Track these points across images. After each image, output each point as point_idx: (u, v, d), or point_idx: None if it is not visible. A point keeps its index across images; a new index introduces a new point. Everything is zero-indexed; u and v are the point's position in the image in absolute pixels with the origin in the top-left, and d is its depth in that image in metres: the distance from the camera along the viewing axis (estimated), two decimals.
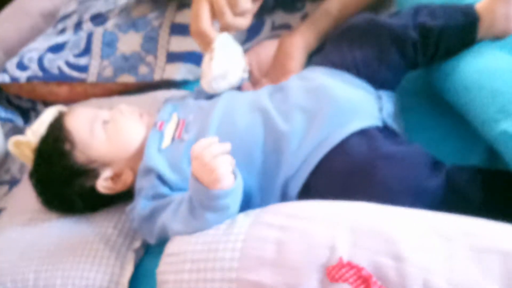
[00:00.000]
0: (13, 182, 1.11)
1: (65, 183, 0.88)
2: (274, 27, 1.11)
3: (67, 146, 0.87)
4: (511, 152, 0.69)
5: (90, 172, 0.88)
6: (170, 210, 0.77)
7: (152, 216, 0.80)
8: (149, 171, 0.82)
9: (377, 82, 0.83)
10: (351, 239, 0.61)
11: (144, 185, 0.82)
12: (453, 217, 0.64)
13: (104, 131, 0.88)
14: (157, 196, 0.81)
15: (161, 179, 0.81)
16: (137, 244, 0.88)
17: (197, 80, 1.11)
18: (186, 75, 1.11)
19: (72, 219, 0.92)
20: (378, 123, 0.79)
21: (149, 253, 0.90)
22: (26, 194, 0.99)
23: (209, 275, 0.67)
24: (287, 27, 1.10)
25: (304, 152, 0.77)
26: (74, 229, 0.90)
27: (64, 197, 0.90)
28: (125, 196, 0.90)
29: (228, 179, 0.70)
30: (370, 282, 0.59)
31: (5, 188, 1.11)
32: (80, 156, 0.87)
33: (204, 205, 0.72)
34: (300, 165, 0.77)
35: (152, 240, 0.82)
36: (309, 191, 0.77)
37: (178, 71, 1.11)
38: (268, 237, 0.65)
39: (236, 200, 0.73)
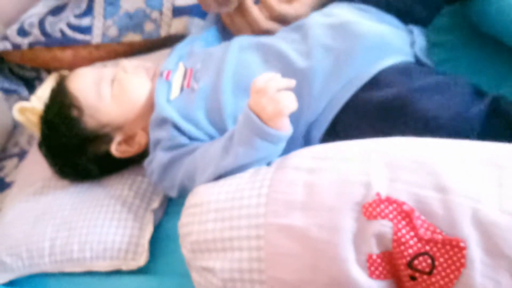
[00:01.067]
0: (22, 155, 1.06)
1: (77, 151, 0.83)
2: None
3: (74, 113, 0.82)
4: None
5: (102, 137, 0.82)
6: (198, 154, 0.73)
7: (172, 165, 0.76)
8: (163, 121, 0.77)
9: (409, 18, 0.77)
10: (387, 174, 0.55)
11: (161, 135, 0.77)
12: (503, 145, 0.58)
13: (111, 92, 0.83)
14: (175, 147, 0.76)
15: (177, 128, 0.76)
16: (155, 204, 0.83)
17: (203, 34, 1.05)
18: (193, 29, 1.05)
19: (84, 183, 0.88)
20: (410, 58, 0.73)
21: (168, 213, 0.85)
22: (35, 163, 0.95)
23: (235, 222, 0.62)
24: None
25: (329, 93, 0.71)
26: (87, 194, 0.86)
27: (79, 166, 0.85)
28: (141, 156, 0.85)
29: (286, 118, 0.65)
30: (412, 217, 0.53)
31: (14, 160, 1.07)
32: (89, 121, 0.82)
33: (247, 142, 0.66)
34: (325, 107, 0.71)
35: (173, 193, 0.78)
36: (335, 133, 0.71)
37: (185, 25, 1.05)
38: (296, 181, 0.60)
39: (280, 149, 0.68)
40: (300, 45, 0.75)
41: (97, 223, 0.80)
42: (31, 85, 1.17)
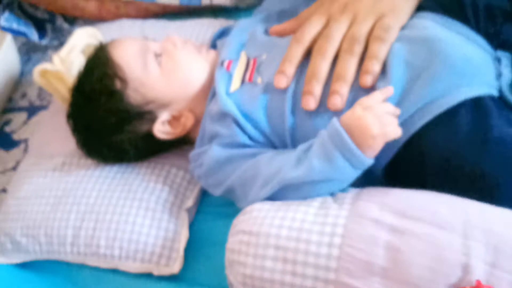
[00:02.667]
0: (32, 110, 0.97)
1: (116, 129, 0.76)
2: None
3: (117, 85, 0.74)
4: None
5: (145, 114, 0.75)
6: (262, 160, 0.67)
7: (228, 164, 0.70)
8: (224, 115, 0.71)
9: (498, 39, 0.69)
10: (488, 258, 0.53)
11: (220, 131, 0.71)
12: None
13: (158, 66, 0.75)
14: (235, 145, 0.71)
15: (239, 125, 0.70)
16: (189, 202, 0.79)
17: (249, 9, 0.97)
18: (237, 1, 0.96)
19: (113, 167, 0.81)
20: (494, 92, 0.66)
21: (200, 212, 0.81)
22: (55, 132, 0.86)
23: (299, 268, 0.59)
24: None
25: (401, 116, 0.64)
26: (116, 181, 0.79)
27: (114, 146, 0.78)
28: (180, 143, 0.80)
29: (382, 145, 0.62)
30: None
31: (23, 115, 0.98)
32: (134, 96, 0.74)
33: (326, 156, 0.61)
34: None
35: (216, 192, 0.73)
36: (398, 167, 0.67)
37: None
38: (377, 239, 0.56)
39: (354, 177, 0.64)
40: None
41: (128, 219, 0.75)
42: (42, 28, 1.05)
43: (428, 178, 0.64)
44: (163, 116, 0.76)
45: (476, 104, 0.64)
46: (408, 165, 0.66)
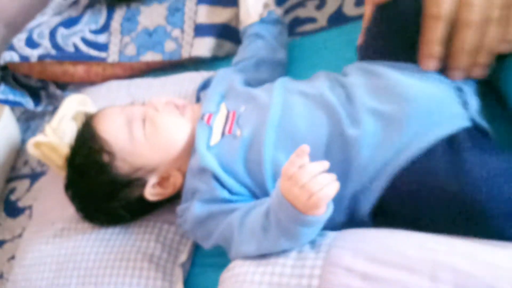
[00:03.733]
0: (34, 176, 1.02)
1: (109, 198, 0.79)
2: None
3: (105, 158, 0.77)
4: None
5: (135, 181, 0.78)
6: (235, 219, 0.69)
7: (208, 220, 0.72)
8: (203, 170, 0.73)
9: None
10: None
11: (199, 186, 0.73)
12: None
13: (143, 133, 0.78)
14: (215, 200, 0.72)
15: (218, 180, 0.72)
16: (183, 257, 0.81)
17: (227, 58, 0.99)
18: (215, 51, 0.99)
19: (107, 229, 0.84)
20: (467, 123, 0.66)
21: (195, 265, 0.83)
22: (54, 199, 0.90)
23: None
24: None
25: (378, 163, 0.66)
26: (111, 243, 0.82)
27: (109, 212, 0.81)
28: (171, 198, 0.82)
29: (324, 205, 0.60)
30: None
31: (26, 182, 1.02)
32: (122, 166, 0.77)
33: (285, 229, 0.62)
34: (373, 177, 0.66)
35: (206, 245, 0.75)
36: (384, 210, 0.67)
37: (208, 46, 0.98)
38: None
39: (319, 229, 0.64)
40: (347, 105, 0.70)
41: (125, 281, 0.77)
42: (36, 96, 1.09)
43: (417, 216, 0.65)
44: (152, 179, 0.78)
45: (450, 142, 0.65)
46: (395, 206, 0.67)
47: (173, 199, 0.83)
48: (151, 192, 0.78)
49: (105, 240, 0.83)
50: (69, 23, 1.01)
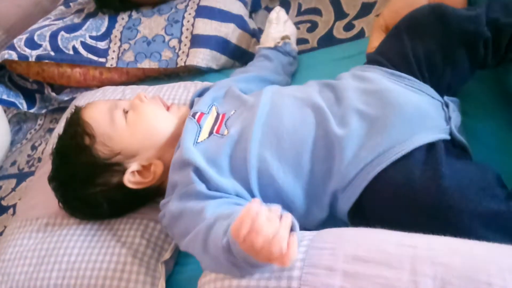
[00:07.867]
0: (20, 176, 1.01)
1: (88, 181, 0.79)
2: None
3: (86, 141, 0.78)
4: None
5: (114, 166, 0.79)
6: (200, 234, 0.65)
7: (181, 218, 0.71)
8: (185, 164, 0.73)
9: (442, 86, 0.74)
10: None
11: (178, 180, 0.74)
12: None
13: (125, 120, 0.80)
14: (190, 195, 0.71)
15: (198, 173, 0.72)
16: (166, 255, 0.80)
17: (221, 70, 1.03)
18: (210, 62, 1.02)
19: (93, 225, 0.83)
20: (446, 135, 0.70)
21: (178, 263, 0.82)
22: (40, 196, 0.90)
23: None
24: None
25: (360, 163, 0.68)
26: (96, 238, 0.81)
27: (88, 198, 0.80)
28: (153, 195, 0.83)
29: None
30: None
31: (12, 182, 1.01)
32: (102, 149, 0.78)
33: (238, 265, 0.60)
34: (354, 177, 0.68)
35: (181, 246, 0.73)
36: (362, 210, 0.69)
37: (202, 57, 1.01)
38: (333, 287, 0.57)
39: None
40: (335, 107, 0.73)
41: (107, 274, 0.76)
42: (31, 99, 1.11)
43: (392, 215, 0.66)
44: (133, 166, 0.79)
45: (429, 149, 0.68)
46: (372, 207, 0.68)
47: (155, 197, 0.83)
48: (130, 179, 0.79)
49: (90, 235, 0.82)
50: (71, 28, 1.03)
